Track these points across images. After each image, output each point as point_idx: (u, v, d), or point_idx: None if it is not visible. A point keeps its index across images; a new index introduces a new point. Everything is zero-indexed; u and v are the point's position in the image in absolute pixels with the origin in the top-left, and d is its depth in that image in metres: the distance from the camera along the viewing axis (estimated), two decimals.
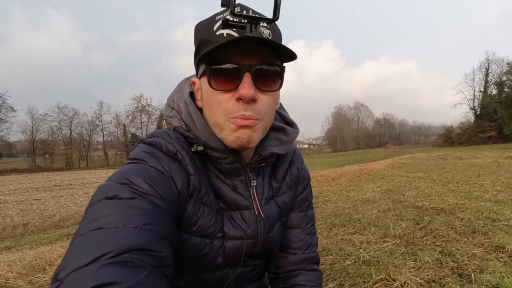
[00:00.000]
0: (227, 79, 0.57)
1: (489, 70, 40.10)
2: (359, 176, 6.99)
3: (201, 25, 0.61)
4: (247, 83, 0.56)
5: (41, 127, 40.97)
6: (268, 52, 0.58)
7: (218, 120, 0.60)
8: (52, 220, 8.54)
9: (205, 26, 0.60)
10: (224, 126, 0.60)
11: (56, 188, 15.69)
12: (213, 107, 0.60)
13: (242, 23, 0.54)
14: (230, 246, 0.68)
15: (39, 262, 2.27)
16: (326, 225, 2.93)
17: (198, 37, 0.61)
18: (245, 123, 0.58)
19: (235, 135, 0.59)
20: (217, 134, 0.62)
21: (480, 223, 2.62)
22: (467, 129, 39.66)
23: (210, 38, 0.58)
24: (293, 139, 0.74)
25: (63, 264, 0.41)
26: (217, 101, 0.59)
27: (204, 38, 0.59)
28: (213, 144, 0.62)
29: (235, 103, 0.58)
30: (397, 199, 3.96)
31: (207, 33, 0.59)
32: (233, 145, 0.61)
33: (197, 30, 0.61)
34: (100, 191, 0.51)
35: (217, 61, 0.57)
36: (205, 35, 0.59)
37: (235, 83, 0.57)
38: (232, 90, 0.57)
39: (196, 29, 0.62)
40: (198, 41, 0.61)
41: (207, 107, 0.63)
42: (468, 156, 14.94)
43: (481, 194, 4.01)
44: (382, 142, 71.49)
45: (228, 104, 0.58)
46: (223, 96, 0.58)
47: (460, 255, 1.98)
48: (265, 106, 0.60)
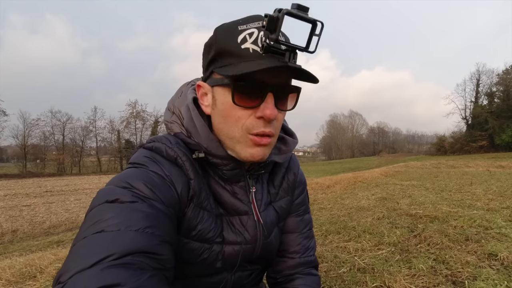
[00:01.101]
0: (251, 97, 0.57)
1: (480, 81, 41.05)
2: (354, 184, 7.03)
3: (223, 33, 0.58)
4: (271, 104, 0.57)
5: (33, 132, 40.48)
6: (290, 74, 0.59)
7: (234, 134, 0.60)
8: (42, 226, 8.36)
9: (227, 35, 0.57)
10: (240, 140, 0.60)
11: (47, 194, 15.41)
12: (231, 120, 0.60)
13: (281, 49, 0.54)
14: (229, 251, 0.68)
15: (29, 269, 2.22)
16: (321, 232, 2.93)
17: (218, 44, 0.58)
18: (263, 142, 0.60)
19: (250, 152, 0.60)
20: (228, 145, 0.62)
21: (473, 231, 2.65)
22: (459, 138, 40.30)
23: (234, 50, 0.56)
24: (292, 149, 0.76)
25: (65, 266, 0.41)
26: (236, 115, 0.59)
27: (227, 48, 0.57)
28: (214, 151, 0.63)
29: (255, 120, 0.58)
30: (392, 207, 3.99)
31: (230, 44, 0.56)
32: (245, 160, 0.62)
33: (218, 37, 0.58)
34: (100, 195, 0.52)
35: (244, 78, 0.55)
36: (228, 45, 0.56)
37: (258, 101, 0.57)
38: (254, 108, 0.58)
39: (216, 35, 0.59)
40: (218, 49, 0.58)
41: (222, 118, 0.61)
42: (460, 164, 15.14)
43: (474, 202, 4.06)
44: (376, 150, 72.15)
45: (248, 120, 0.59)
46: (244, 112, 0.58)
47: (454, 262, 1.99)
48: (279, 123, 0.63)
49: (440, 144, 42.07)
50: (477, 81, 41.15)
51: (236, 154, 0.62)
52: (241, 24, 0.57)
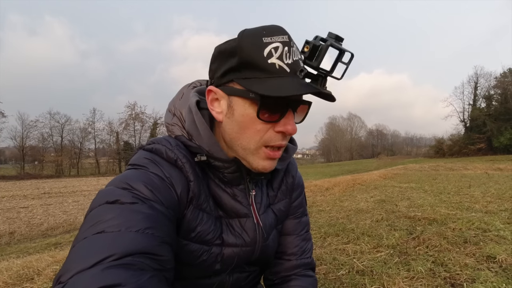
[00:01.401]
0: (273, 112, 0.58)
1: (478, 84, 41.25)
2: (353, 186, 7.03)
3: (248, 43, 0.56)
4: (292, 119, 0.60)
5: (32, 133, 40.29)
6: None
7: (250, 146, 0.61)
8: (40, 228, 8.32)
9: (253, 47, 0.56)
10: (254, 152, 0.62)
11: (45, 196, 15.34)
12: (249, 132, 0.60)
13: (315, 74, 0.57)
14: (228, 253, 0.68)
15: (26, 271, 2.21)
16: (320, 234, 2.93)
17: (243, 54, 0.56)
18: (276, 156, 0.63)
19: (262, 165, 0.63)
20: (240, 154, 0.63)
21: (471, 234, 2.65)
22: (457, 140, 40.40)
23: (260, 64, 0.55)
24: (292, 155, 0.77)
25: (65, 266, 0.41)
26: (256, 129, 0.59)
27: (252, 60, 0.56)
28: (217, 154, 0.63)
29: (273, 133, 0.60)
30: (390, 209, 3.99)
31: (256, 56, 0.55)
32: (255, 170, 0.64)
33: (244, 46, 0.56)
34: (101, 195, 0.52)
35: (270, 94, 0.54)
36: (254, 57, 0.56)
37: (278, 116, 0.59)
38: (274, 122, 0.59)
39: (241, 44, 0.57)
40: (242, 59, 0.56)
41: (239, 129, 0.61)
42: (458, 167, 15.17)
43: (472, 204, 4.07)
44: (375, 152, 72.25)
45: (266, 134, 0.60)
46: (264, 125, 0.59)
47: (452, 265, 1.99)
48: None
49: (439, 147, 42.18)
50: (475, 84, 41.38)
51: (248, 163, 0.64)
52: (265, 36, 0.56)
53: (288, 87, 0.54)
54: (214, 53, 0.63)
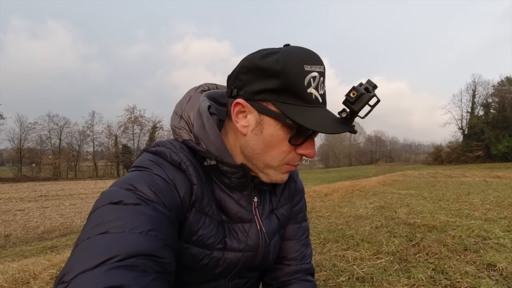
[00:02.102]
0: (299, 137, 0.61)
1: (476, 91, 41.59)
2: (352, 192, 7.02)
3: (293, 68, 0.56)
4: (313, 145, 0.64)
5: (30, 135, 40.19)
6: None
7: (273, 163, 0.64)
8: (36, 231, 8.22)
9: (297, 73, 0.56)
10: (275, 168, 0.65)
11: (42, 198, 15.21)
12: (275, 152, 0.63)
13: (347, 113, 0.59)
14: (230, 257, 0.68)
15: (22, 275, 2.18)
16: (319, 240, 2.91)
17: (287, 78, 0.56)
18: (293, 169, 0.68)
19: (281, 177, 0.67)
20: (259, 167, 0.65)
21: (471, 241, 2.65)
22: (455, 148, 40.55)
23: (300, 92, 0.57)
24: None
25: (68, 266, 0.41)
26: (282, 150, 0.62)
27: (294, 86, 0.57)
28: (226, 160, 0.64)
29: (295, 155, 0.64)
30: (390, 216, 3.98)
31: (298, 83, 0.57)
32: (271, 182, 0.68)
33: (289, 72, 0.56)
34: (104, 196, 0.52)
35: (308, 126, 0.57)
36: (296, 84, 0.57)
37: (301, 140, 0.62)
38: (297, 145, 0.62)
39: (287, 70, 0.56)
40: (285, 83, 0.57)
41: (265, 147, 0.62)
42: (457, 174, 15.19)
43: (471, 212, 4.06)
44: (374, 159, 72.39)
45: (289, 155, 0.63)
46: (289, 147, 0.62)
47: (453, 272, 1.98)
48: None
49: (437, 154, 42.31)
50: (473, 92, 41.72)
51: (265, 175, 0.67)
52: (307, 63, 0.57)
53: (327, 123, 0.58)
54: (247, 64, 0.61)
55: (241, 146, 0.65)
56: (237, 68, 0.63)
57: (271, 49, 0.61)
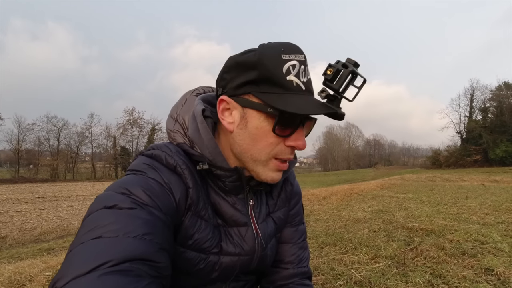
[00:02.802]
0: (286, 127, 0.60)
1: (474, 96, 41.73)
2: (350, 196, 7.02)
3: (269, 59, 0.58)
4: (303, 136, 0.62)
5: (28, 136, 39.90)
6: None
7: (261, 157, 0.62)
8: (33, 233, 8.16)
9: (274, 63, 0.57)
10: (264, 164, 0.63)
11: (39, 200, 15.10)
12: (262, 144, 0.61)
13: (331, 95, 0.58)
14: (226, 262, 0.67)
15: (18, 277, 2.16)
16: (317, 244, 2.90)
17: (264, 69, 0.57)
18: (284, 167, 0.64)
19: (271, 176, 0.64)
20: (249, 166, 0.64)
21: (469, 245, 2.65)
22: (454, 152, 40.60)
23: (279, 80, 0.57)
24: (292, 168, 0.77)
25: (61, 272, 0.40)
26: (268, 141, 0.60)
27: (272, 76, 0.57)
28: (220, 164, 0.63)
29: (284, 147, 0.61)
30: (388, 220, 3.98)
31: (276, 73, 0.57)
32: (263, 181, 0.65)
33: (264, 61, 0.58)
34: (98, 200, 0.51)
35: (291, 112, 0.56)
36: (274, 73, 0.57)
37: (289, 131, 0.60)
38: (285, 137, 0.60)
39: (262, 58, 0.58)
40: (263, 73, 0.58)
41: (251, 141, 0.61)
42: (455, 178, 15.23)
43: (469, 216, 4.07)
44: (372, 162, 72.43)
45: (277, 147, 0.61)
46: (276, 139, 0.60)
47: (451, 277, 1.98)
48: None
49: (435, 158, 42.35)
50: (471, 96, 41.85)
51: (256, 174, 0.64)
52: (284, 53, 0.58)
53: (308, 106, 0.56)
54: (229, 63, 0.63)
55: (231, 144, 0.65)
56: (221, 69, 0.65)
57: (252, 48, 0.63)
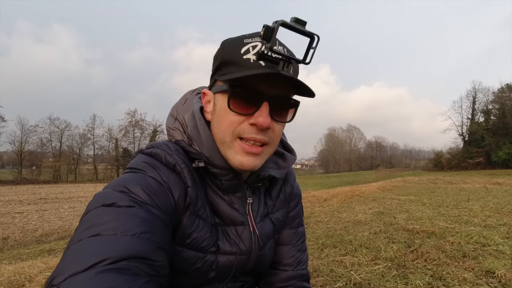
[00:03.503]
0: (246, 104, 0.59)
1: (476, 98, 41.59)
2: (351, 198, 7.00)
3: (229, 44, 0.61)
4: (265, 112, 0.58)
5: (31, 138, 40.09)
6: (288, 86, 0.61)
7: (225, 138, 0.61)
8: (34, 234, 8.18)
9: (232, 47, 0.60)
10: (230, 145, 0.61)
11: (41, 201, 15.14)
12: (224, 125, 0.61)
13: (276, 58, 0.55)
14: (223, 261, 0.67)
15: (18, 278, 2.17)
16: (317, 245, 2.90)
17: (223, 55, 0.60)
18: (253, 150, 0.60)
19: (239, 160, 0.61)
20: (222, 151, 0.63)
21: (470, 248, 2.63)
22: (456, 154, 40.40)
23: (237, 60, 0.58)
24: (290, 165, 0.77)
25: (58, 269, 0.40)
26: (230, 120, 0.60)
27: (230, 58, 0.59)
28: (216, 161, 0.63)
29: (247, 126, 0.60)
30: (389, 222, 3.96)
31: (233, 54, 0.59)
32: (236, 168, 0.63)
33: (224, 48, 0.61)
34: (97, 198, 0.51)
35: (241, 85, 0.58)
36: (232, 55, 0.59)
37: (253, 109, 0.59)
38: (248, 115, 0.59)
39: (223, 46, 0.62)
40: (222, 58, 0.61)
41: (217, 122, 0.63)
42: (457, 180, 15.15)
43: (471, 218, 4.05)
44: (374, 164, 72.14)
45: (240, 126, 0.60)
46: (237, 117, 0.60)
47: (451, 279, 1.97)
48: (275, 134, 0.63)
49: (437, 160, 42.14)
50: (473, 98, 41.71)
51: (229, 161, 0.63)
52: (247, 37, 0.60)
53: (248, 73, 0.55)
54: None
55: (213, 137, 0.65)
56: None
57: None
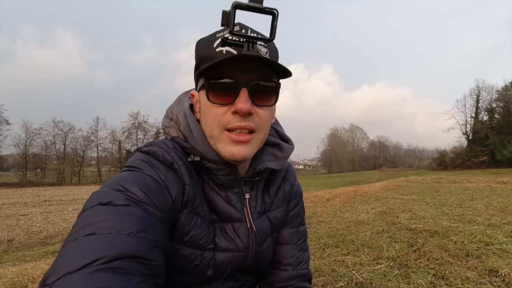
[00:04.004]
0: (225, 94, 0.59)
1: (480, 96, 41.22)
2: (354, 198, 6.97)
3: (202, 42, 0.63)
4: (244, 98, 0.58)
5: (35, 141, 40.44)
6: (265, 69, 0.60)
7: (213, 132, 0.62)
8: (39, 236, 8.25)
9: (205, 43, 0.62)
10: (219, 138, 0.61)
11: (45, 203, 15.27)
12: (209, 119, 0.62)
13: (240, 41, 0.56)
14: (221, 258, 0.67)
15: (21, 279, 2.18)
16: (319, 245, 2.89)
17: (198, 52, 0.63)
18: (241, 139, 0.60)
19: (229, 151, 0.60)
20: (212, 146, 0.63)
21: (473, 247, 2.61)
22: (460, 153, 40.05)
23: (210, 54, 0.60)
24: (288, 154, 0.76)
25: (52, 268, 0.40)
26: (213, 113, 0.60)
27: (205, 54, 0.61)
28: (210, 156, 0.63)
29: (231, 116, 0.59)
30: (391, 221, 3.94)
31: (207, 50, 0.61)
32: (227, 159, 0.62)
33: (198, 46, 0.64)
34: (94, 197, 0.51)
35: (216, 76, 0.59)
36: (206, 51, 0.61)
37: (232, 98, 0.58)
38: (229, 104, 0.59)
39: (197, 45, 0.64)
40: (198, 56, 0.63)
41: (203, 119, 0.64)
42: (461, 180, 15.02)
43: (474, 217, 4.01)
44: (377, 164, 71.79)
45: (224, 117, 0.60)
46: (220, 109, 0.60)
47: (454, 278, 1.96)
48: (261, 119, 0.62)
49: (441, 159, 41.78)
50: (477, 97, 41.33)
51: (220, 154, 0.63)
52: (219, 32, 0.61)
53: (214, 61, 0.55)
54: None
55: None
56: None
57: None
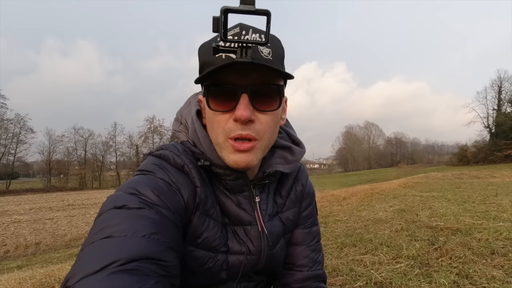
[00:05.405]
0: (225, 100, 0.58)
1: (502, 88, 39.40)
2: (371, 196, 6.83)
3: (203, 47, 0.63)
4: (243, 104, 0.57)
5: (58, 148, 42.31)
6: (267, 72, 0.58)
7: (218, 140, 0.62)
8: (64, 239, 8.58)
9: (206, 48, 0.61)
10: (223, 146, 0.61)
11: (69, 207, 15.84)
12: (214, 126, 0.62)
13: (233, 48, 0.53)
14: (233, 261, 0.68)
15: (48, 280, 2.29)
16: (336, 245, 2.86)
17: (200, 58, 0.63)
18: (242, 147, 0.59)
19: (233, 159, 0.60)
20: (218, 152, 0.63)
21: (499, 244, 2.51)
22: (482, 147, 38.38)
23: (211, 60, 0.59)
24: (299, 158, 0.75)
25: (72, 271, 0.42)
26: (217, 121, 0.60)
27: (206, 59, 0.61)
28: (217, 162, 0.64)
29: (232, 123, 0.58)
30: (410, 219, 3.84)
31: (208, 55, 0.59)
32: (232, 167, 0.62)
33: (200, 51, 0.63)
34: (109, 201, 0.53)
35: (214, 83, 0.59)
36: (207, 56, 0.60)
37: (232, 104, 0.58)
38: (230, 111, 0.58)
39: (199, 50, 0.64)
40: (200, 62, 0.63)
41: (209, 126, 0.64)
42: (484, 175, 14.42)
43: (500, 214, 3.85)
44: (394, 161, 69.92)
45: (226, 125, 0.59)
46: (222, 116, 0.60)
47: (479, 277, 1.89)
48: (264, 125, 0.60)
49: (462, 154, 40.16)
50: (499, 88, 39.52)
51: (225, 161, 0.62)
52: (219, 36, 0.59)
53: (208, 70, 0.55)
54: None
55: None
56: None
57: None
